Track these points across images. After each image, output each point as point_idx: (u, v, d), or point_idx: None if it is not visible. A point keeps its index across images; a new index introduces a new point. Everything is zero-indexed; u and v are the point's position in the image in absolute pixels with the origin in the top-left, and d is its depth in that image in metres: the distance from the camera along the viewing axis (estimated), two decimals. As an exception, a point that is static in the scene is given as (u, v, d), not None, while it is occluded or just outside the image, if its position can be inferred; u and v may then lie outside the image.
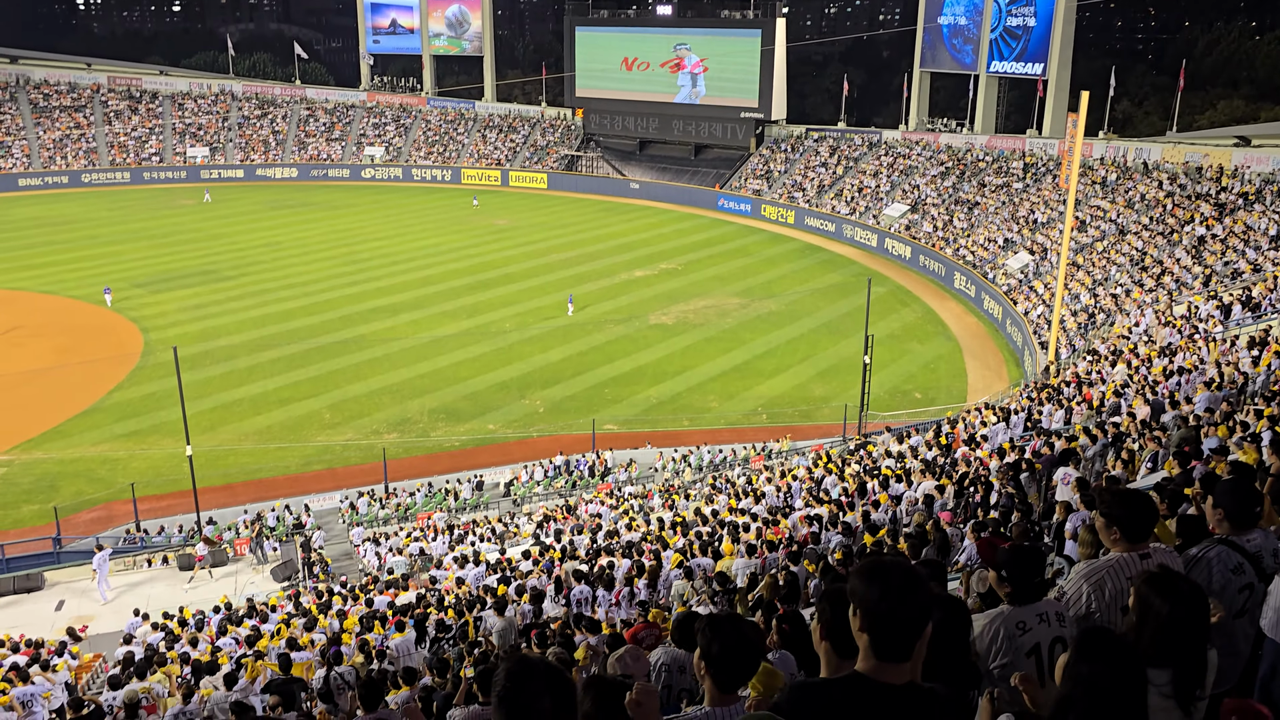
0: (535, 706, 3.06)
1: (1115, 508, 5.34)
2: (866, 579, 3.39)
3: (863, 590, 3.37)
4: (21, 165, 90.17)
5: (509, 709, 3.09)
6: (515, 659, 3.23)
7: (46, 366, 44.80)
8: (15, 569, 29.77)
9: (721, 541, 19.02)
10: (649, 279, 60.72)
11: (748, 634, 4.47)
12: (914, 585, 3.37)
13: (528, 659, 3.22)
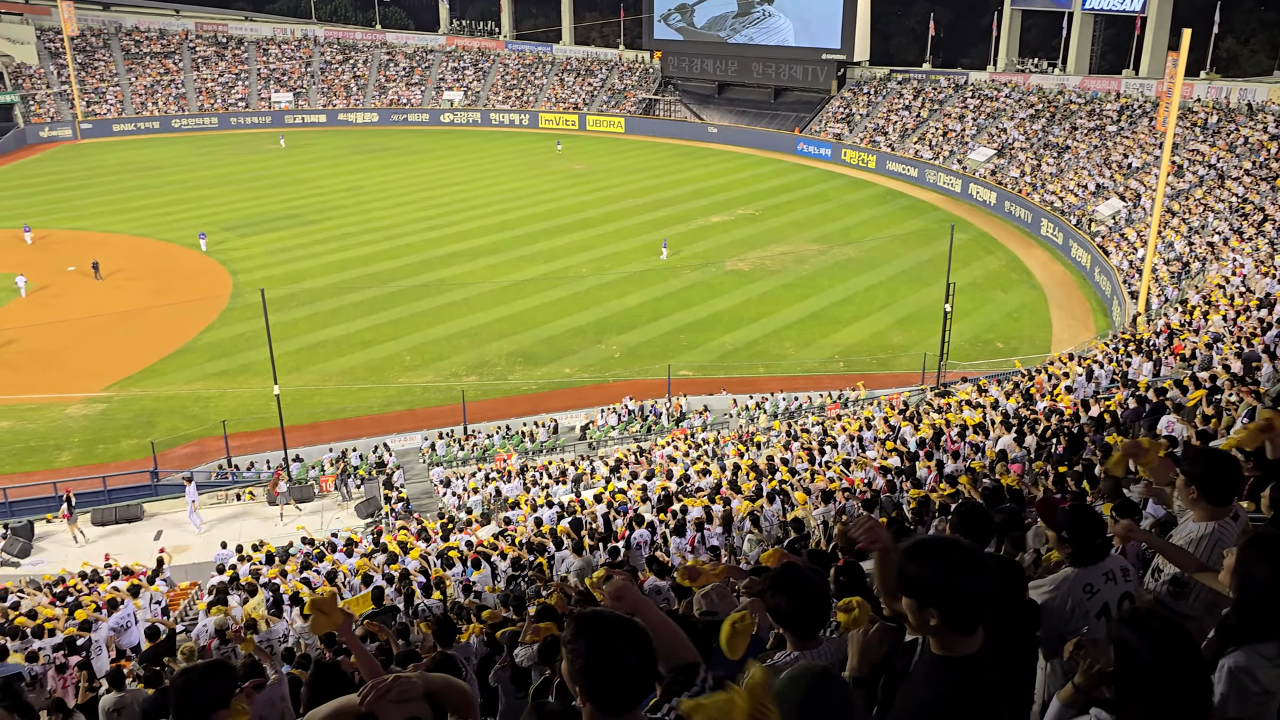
0: (620, 663, 3.04)
1: (1195, 465, 5.10)
2: (922, 559, 3.37)
3: (926, 572, 3.34)
4: (115, 111, 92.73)
5: (588, 665, 3.06)
6: (589, 617, 3.18)
7: (143, 307, 46.44)
8: (116, 500, 31.28)
9: (795, 489, 19.00)
10: (726, 225, 60.21)
11: (812, 585, 4.47)
12: (975, 559, 3.35)
13: (602, 616, 3.18)
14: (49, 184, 72.85)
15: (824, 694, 3.11)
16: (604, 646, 3.06)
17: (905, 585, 3.38)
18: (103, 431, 35.67)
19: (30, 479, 32.25)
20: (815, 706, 3.07)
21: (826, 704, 3.09)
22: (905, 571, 3.37)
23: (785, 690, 3.11)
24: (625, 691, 3.09)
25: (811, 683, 3.11)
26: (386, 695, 3.11)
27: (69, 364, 40.70)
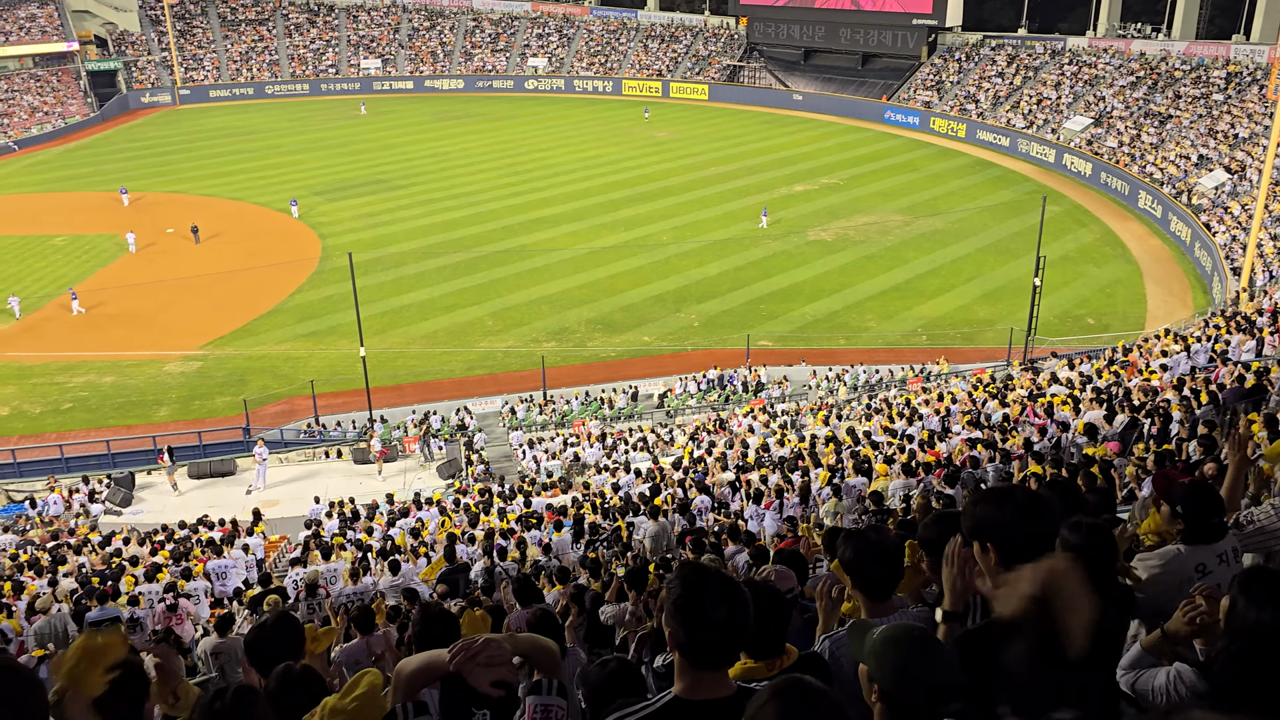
0: (711, 616, 3.08)
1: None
2: (996, 503, 3.36)
3: (993, 515, 3.33)
4: (212, 77, 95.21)
5: (685, 616, 3.11)
6: (690, 568, 3.23)
7: (237, 269, 47.85)
8: (211, 454, 32.48)
9: (875, 461, 18.83)
10: (809, 194, 59.44)
11: (885, 542, 4.47)
12: (1041, 504, 3.34)
13: (703, 568, 3.22)
14: (149, 148, 75.30)
15: (923, 655, 3.08)
16: (697, 598, 3.11)
17: (969, 529, 3.40)
18: (199, 388, 37.00)
19: (131, 432, 33.68)
20: (914, 668, 3.05)
21: (926, 665, 3.06)
22: (967, 513, 3.39)
23: (880, 649, 3.10)
24: (714, 645, 3.14)
25: (911, 643, 3.09)
26: (475, 658, 3.18)
27: (168, 323, 42.24)
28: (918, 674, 3.03)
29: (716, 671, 3.20)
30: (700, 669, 3.16)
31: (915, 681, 3.03)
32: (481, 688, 3.13)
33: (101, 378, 37.82)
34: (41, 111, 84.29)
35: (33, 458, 32.60)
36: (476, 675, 3.14)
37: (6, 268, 49.50)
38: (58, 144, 78.90)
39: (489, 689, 3.13)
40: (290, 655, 4.80)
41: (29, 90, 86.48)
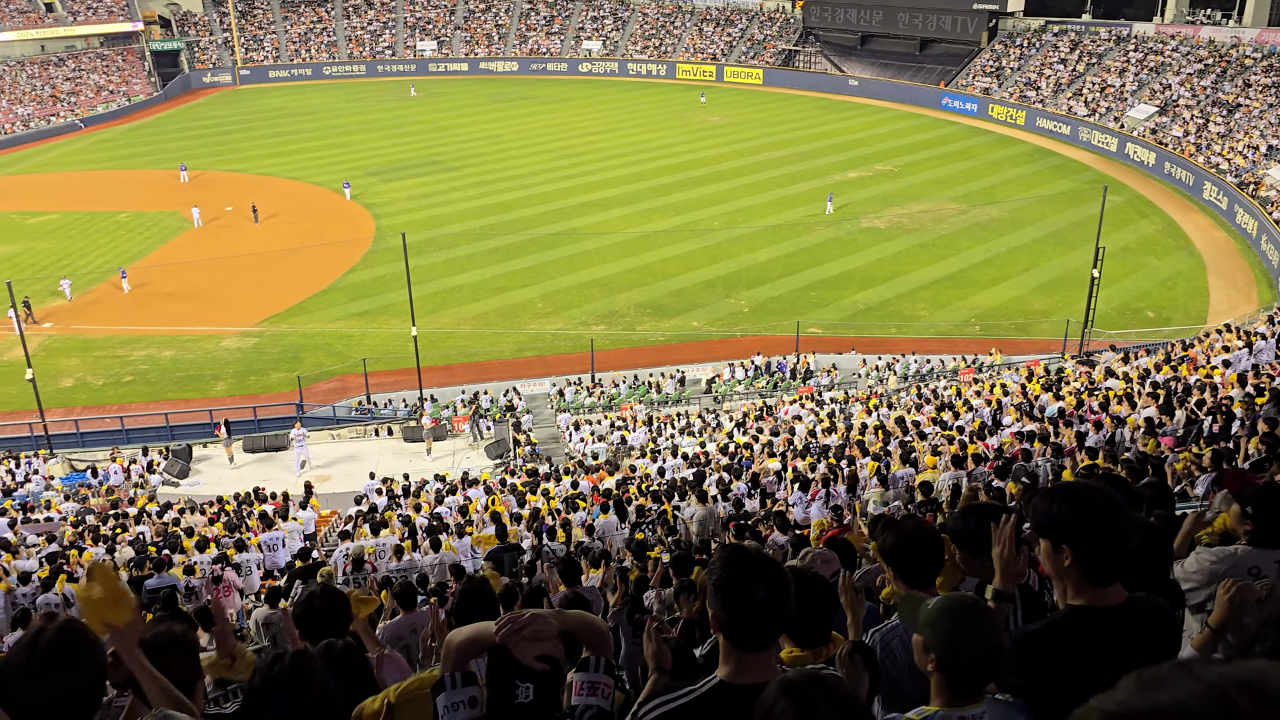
0: (751, 598, 3.09)
1: None
2: (1059, 499, 3.34)
3: (1062, 511, 3.31)
4: (271, 58, 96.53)
5: (725, 598, 3.12)
6: (731, 549, 3.25)
7: (293, 247, 48.58)
8: (265, 429, 33.09)
9: (924, 452, 18.66)
10: (863, 181, 58.79)
11: (926, 530, 4.45)
12: (1113, 502, 3.31)
13: (744, 550, 3.24)
14: (210, 127, 76.61)
15: (974, 624, 3.15)
16: (738, 579, 3.12)
17: (1038, 524, 3.38)
18: (254, 364, 37.69)
19: (189, 405, 34.46)
20: (967, 635, 3.12)
21: (978, 633, 3.13)
22: (1039, 510, 3.37)
23: (935, 620, 3.18)
24: (755, 626, 3.15)
25: (964, 612, 3.16)
26: (521, 632, 3.22)
27: (226, 299, 43.05)
28: (971, 641, 3.11)
29: (761, 654, 3.21)
30: (744, 651, 3.18)
31: (968, 649, 3.11)
32: (526, 661, 3.17)
33: (161, 352, 38.68)
34: (107, 90, 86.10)
35: (95, 428, 33.51)
36: (522, 649, 3.19)
37: (73, 243, 50.76)
38: (122, 122, 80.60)
39: (533, 663, 3.17)
40: (337, 626, 4.91)
41: (95, 69, 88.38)
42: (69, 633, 3.04)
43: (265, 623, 12.04)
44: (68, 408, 34.47)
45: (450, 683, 3.29)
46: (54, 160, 69.01)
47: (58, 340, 39.58)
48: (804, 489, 16.87)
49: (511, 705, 3.18)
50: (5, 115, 77.92)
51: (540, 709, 3.19)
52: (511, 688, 3.19)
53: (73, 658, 3.00)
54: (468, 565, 14.87)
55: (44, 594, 14.37)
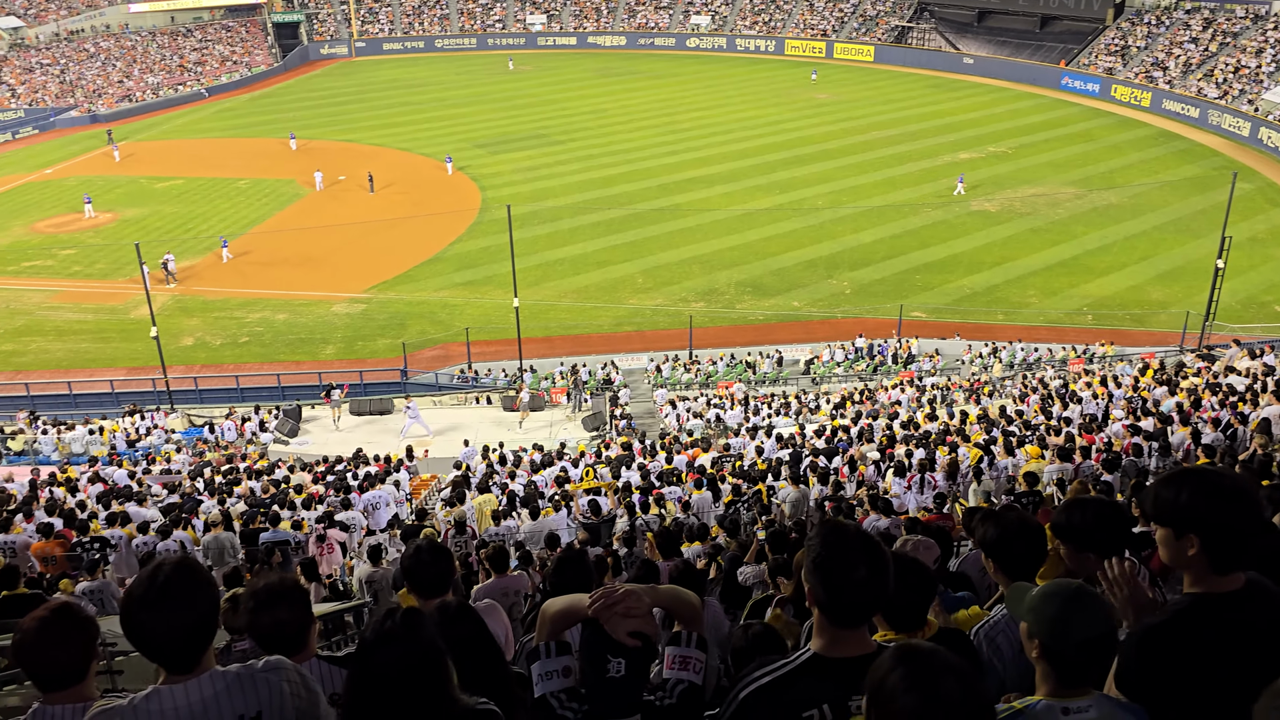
0: (851, 576, 3.08)
1: None
2: (1181, 484, 3.23)
3: (1184, 497, 3.20)
4: (385, 30, 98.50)
5: (824, 574, 3.12)
6: (832, 526, 3.23)
7: (402, 217, 49.73)
8: (371, 393, 34.09)
9: (1029, 442, 18.17)
10: (974, 162, 57.15)
11: (1029, 523, 4.35)
12: (1239, 487, 3.19)
13: (845, 527, 3.21)
14: (326, 98, 78.75)
15: (1080, 607, 3.08)
16: (837, 556, 3.12)
17: (1161, 512, 3.28)
18: (362, 329, 38.81)
19: (300, 368, 35.70)
20: (1071, 621, 3.05)
21: (1083, 618, 3.06)
22: (1162, 497, 3.26)
23: (1038, 604, 3.12)
24: (853, 604, 3.15)
25: (1068, 597, 3.09)
26: (614, 608, 3.26)
27: (338, 266, 44.38)
28: (1077, 626, 3.04)
29: (856, 630, 3.21)
30: (839, 627, 3.18)
31: (1073, 634, 3.05)
32: (618, 636, 3.21)
33: (275, 315, 40.13)
34: (231, 61, 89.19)
35: (212, 386, 35.03)
36: (614, 624, 3.23)
37: (196, 207, 52.91)
38: (244, 92, 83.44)
39: (625, 639, 3.21)
40: (442, 580, 5.05)
41: (220, 40, 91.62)
42: (184, 570, 3.21)
43: (368, 580, 12.46)
44: (188, 365, 36.09)
45: (545, 651, 3.36)
46: (180, 128, 71.93)
47: (181, 300, 41.41)
48: (901, 475, 16.63)
49: (603, 679, 3.22)
50: (137, 84, 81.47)
51: (631, 684, 3.23)
52: (604, 661, 3.23)
53: (187, 593, 3.17)
54: (564, 536, 15.09)
55: (162, 541, 15.10)
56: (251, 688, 3.21)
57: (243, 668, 3.27)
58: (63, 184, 57.64)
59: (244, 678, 3.22)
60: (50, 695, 3.70)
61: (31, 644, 3.62)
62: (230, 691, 3.17)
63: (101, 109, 75.94)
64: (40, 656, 3.63)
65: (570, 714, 3.21)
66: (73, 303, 41.47)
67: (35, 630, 3.62)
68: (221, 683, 3.19)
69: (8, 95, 75.38)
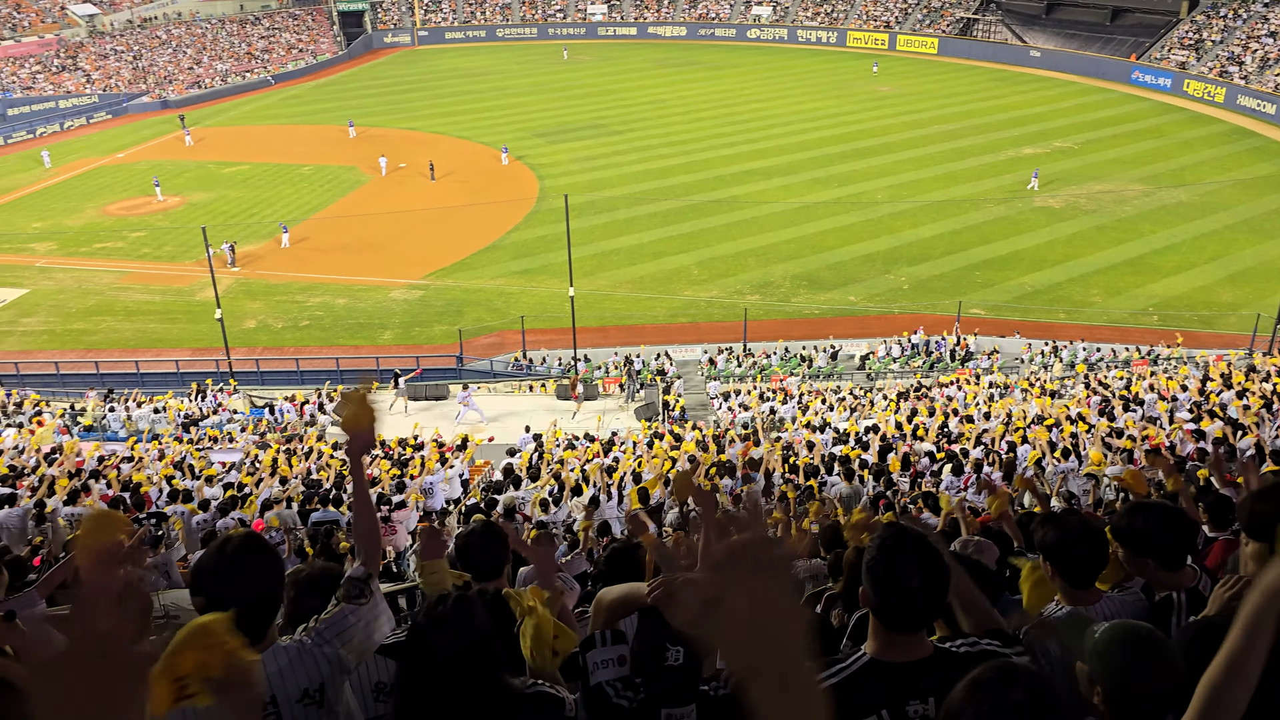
0: (904, 584, 3.03)
1: None
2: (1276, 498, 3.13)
3: None
4: (448, 19, 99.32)
5: (876, 579, 3.07)
6: (891, 529, 3.17)
7: (460, 205, 50.19)
8: (427, 379, 34.49)
9: (1089, 444, 17.85)
10: (1038, 157, 56.08)
11: (1089, 526, 4.27)
12: None
13: (904, 532, 3.16)
14: (388, 86, 79.68)
15: (1153, 658, 2.90)
16: (892, 562, 3.06)
17: (1259, 527, 3.17)
18: (419, 315, 39.29)
19: (358, 352, 36.26)
20: (1143, 671, 2.88)
21: (1155, 668, 2.88)
22: (1260, 512, 3.16)
23: (1105, 651, 2.93)
24: (907, 610, 3.09)
25: (1138, 645, 2.92)
26: (675, 595, 3.28)
27: (397, 252, 44.95)
28: (1147, 678, 2.86)
29: (911, 635, 3.16)
30: (893, 631, 3.14)
31: (1143, 685, 2.87)
32: (678, 624, 3.23)
33: (335, 299, 40.78)
34: (297, 49, 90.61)
35: (273, 368, 35.71)
36: (674, 612, 3.24)
37: (260, 192, 53.92)
38: (309, 79, 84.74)
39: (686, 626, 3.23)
40: (495, 563, 5.11)
41: (287, 28, 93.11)
42: (251, 542, 3.32)
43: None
44: (250, 347, 36.83)
45: (600, 640, 3.38)
46: (247, 114, 73.30)
47: (245, 284, 42.26)
48: (956, 473, 16.43)
49: (661, 667, 3.23)
50: (206, 70, 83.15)
51: (689, 672, 3.24)
52: (662, 649, 3.24)
53: (256, 566, 3.29)
54: (614, 525, 15.17)
55: (222, 519, 15.47)
56: (312, 662, 3.30)
57: (299, 644, 3.36)
58: (134, 168, 59.10)
59: (304, 653, 3.32)
60: None
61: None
62: (294, 666, 3.27)
63: (172, 95, 77.65)
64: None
65: (625, 702, 3.23)
66: (141, 284, 42.55)
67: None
68: (285, 658, 3.28)
69: (83, 81, 77.41)
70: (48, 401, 31.84)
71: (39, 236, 48.31)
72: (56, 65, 78.04)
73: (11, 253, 46.32)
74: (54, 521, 15.34)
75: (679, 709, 3.19)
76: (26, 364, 35.78)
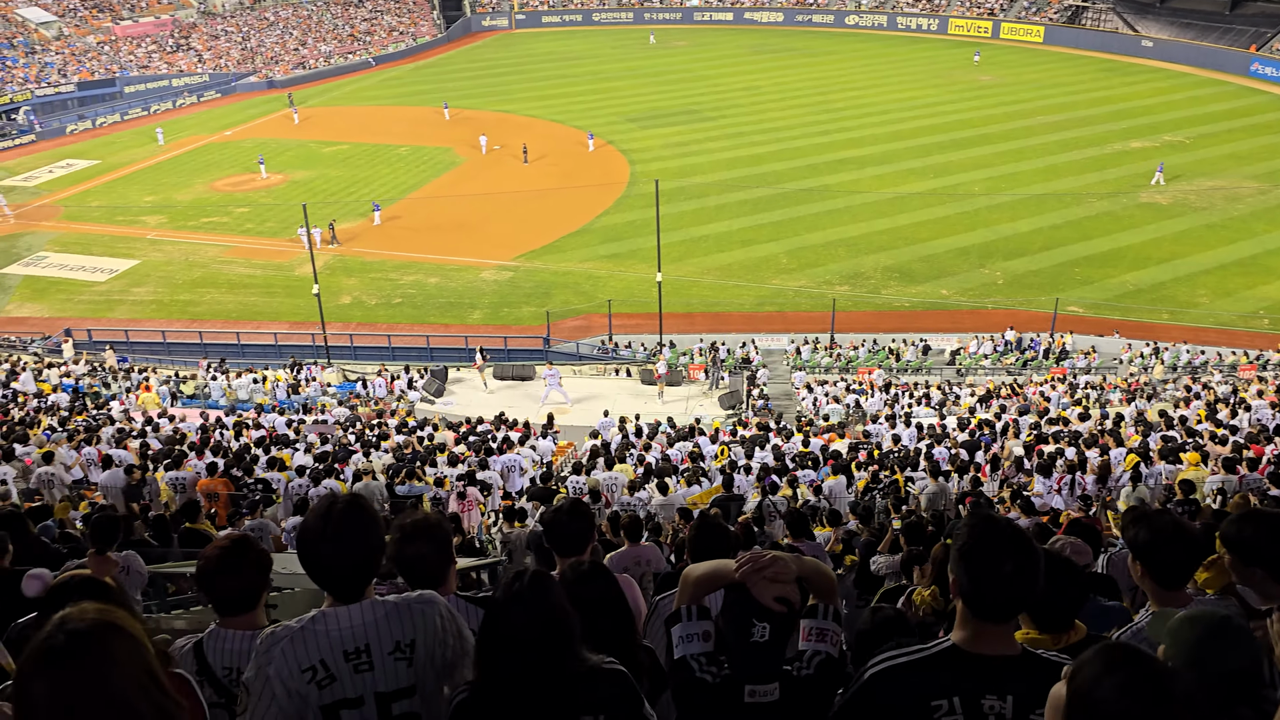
0: (998, 570, 3.00)
1: None
2: None
3: None
4: (545, 3, 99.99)
5: (969, 565, 3.05)
6: (982, 517, 3.15)
7: (553, 188, 50.62)
8: (514, 359, 34.97)
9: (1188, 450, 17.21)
10: (1147, 152, 54.04)
11: (1185, 528, 4.14)
12: None
13: (995, 519, 3.14)
14: (485, 69, 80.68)
15: (1224, 639, 2.91)
16: (986, 548, 3.03)
17: None
18: (508, 296, 39.81)
19: (448, 330, 36.93)
20: (1213, 651, 2.89)
21: (1226, 650, 2.89)
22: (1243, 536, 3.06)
23: (1179, 629, 2.95)
24: (997, 598, 3.06)
25: (1210, 625, 2.93)
26: (762, 572, 3.30)
27: (488, 233, 45.60)
28: (1214, 657, 2.88)
29: (1000, 626, 3.12)
30: (982, 620, 3.09)
31: (1210, 664, 2.88)
32: (765, 601, 3.24)
33: (427, 278, 41.58)
34: (398, 31, 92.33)
35: (365, 344, 36.63)
36: (761, 588, 3.26)
37: (359, 171, 55.20)
38: (408, 61, 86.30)
39: (771, 603, 3.24)
40: (580, 540, 5.18)
41: (389, 11, 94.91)
42: (355, 507, 3.44)
43: (505, 539, 12.87)
44: (345, 322, 37.80)
45: (686, 614, 3.43)
46: (348, 95, 75.04)
47: (341, 261, 43.38)
48: (1047, 474, 16.03)
49: (747, 643, 3.26)
50: (311, 51, 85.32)
51: (774, 649, 3.26)
52: (748, 625, 3.26)
53: (359, 528, 3.40)
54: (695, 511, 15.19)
55: (314, 487, 15.95)
56: (408, 617, 3.41)
57: (399, 599, 3.47)
58: (240, 145, 61.05)
59: (401, 608, 3.43)
60: (226, 619, 4.04)
61: (212, 570, 3.97)
62: (389, 619, 3.39)
63: (278, 75, 79.91)
64: (218, 581, 4.00)
65: (709, 677, 3.27)
66: (244, 258, 44.01)
67: (216, 558, 3.96)
68: (381, 610, 3.40)
69: (195, 60, 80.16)
70: (155, 368, 33.26)
71: (150, 210, 50.34)
72: (171, 45, 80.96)
73: (125, 225, 48.36)
74: (154, 484, 16.03)
75: (762, 686, 3.21)
76: (136, 332, 37.38)
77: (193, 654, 3.99)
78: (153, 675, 2.37)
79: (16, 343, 35.88)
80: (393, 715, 3.38)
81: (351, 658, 3.32)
